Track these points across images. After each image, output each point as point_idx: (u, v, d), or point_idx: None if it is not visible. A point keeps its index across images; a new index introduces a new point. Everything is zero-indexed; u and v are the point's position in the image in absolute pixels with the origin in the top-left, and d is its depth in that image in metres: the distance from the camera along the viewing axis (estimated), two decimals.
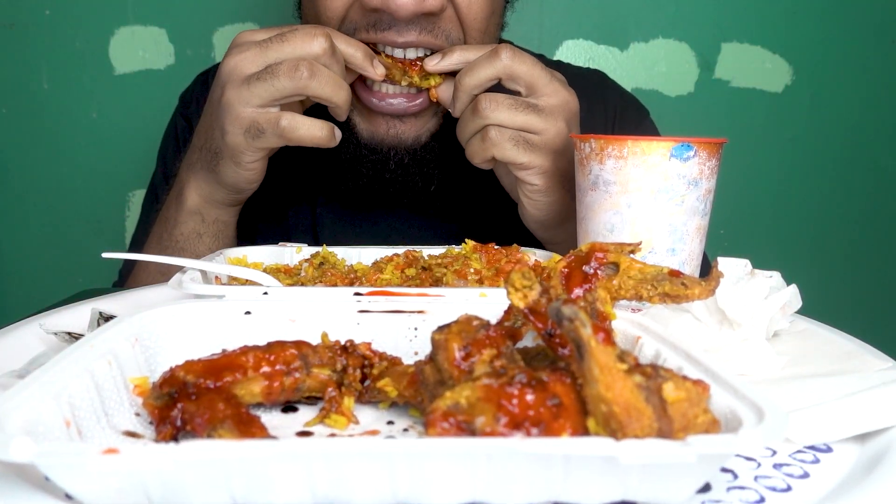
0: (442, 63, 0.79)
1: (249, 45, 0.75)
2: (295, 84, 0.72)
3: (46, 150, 1.56)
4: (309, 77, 0.72)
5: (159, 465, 0.30)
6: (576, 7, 1.56)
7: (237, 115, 0.75)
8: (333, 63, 0.75)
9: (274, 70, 0.72)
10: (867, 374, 0.49)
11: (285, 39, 0.73)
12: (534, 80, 0.76)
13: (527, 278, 0.39)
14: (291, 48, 0.73)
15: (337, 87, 0.75)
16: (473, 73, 0.77)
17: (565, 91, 0.78)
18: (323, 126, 0.76)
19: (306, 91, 0.73)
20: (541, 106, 0.76)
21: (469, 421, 0.33)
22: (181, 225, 0.87)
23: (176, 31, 1.53)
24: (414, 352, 0.52)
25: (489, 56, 0.76)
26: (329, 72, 0.74)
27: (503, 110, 0.75)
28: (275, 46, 0.74)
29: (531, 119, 0.75)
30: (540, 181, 0.78)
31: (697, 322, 0.54)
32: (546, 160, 0.77)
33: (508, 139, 0.76)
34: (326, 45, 0.73)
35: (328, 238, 1.02)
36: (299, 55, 0.73)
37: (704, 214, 0.65)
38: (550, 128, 0.76)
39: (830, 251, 1.68)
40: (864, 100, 1.62)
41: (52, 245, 1.60)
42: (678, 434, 0.33)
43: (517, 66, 0.75)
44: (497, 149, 0.76)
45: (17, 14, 1.50)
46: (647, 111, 1.12)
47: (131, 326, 0.48)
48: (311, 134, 0.75)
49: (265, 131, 0.75)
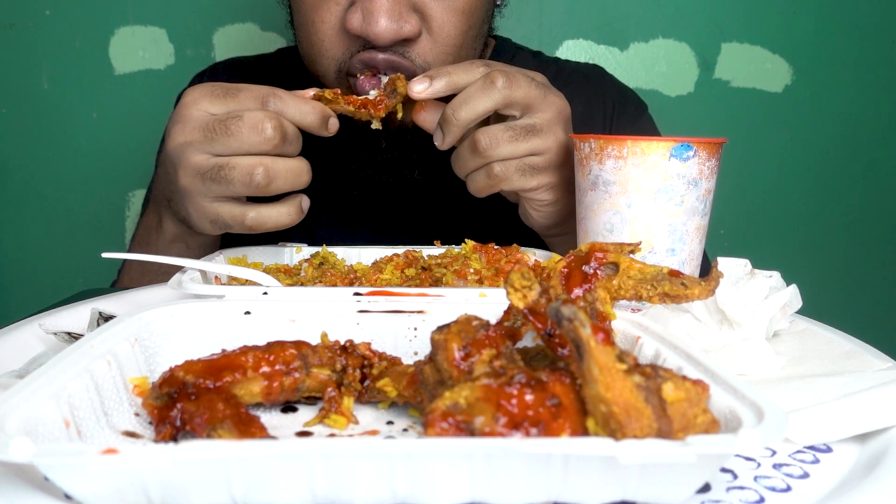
0: (430, 90, 0.74)
1: (195, 125, 0.69)
2: (251, 190, 0.69)
3: (46, 150, 1.56)
4: (266, 185, 0.69)
5: (159, 465, 0.30)
6: (576, 7, 1.56)
7: (199, 205, 0.72)
8: (287, 146, 0.70)
9: (227, 175, 0.68)
10: (867, 374, 0.49)
11: (230, 133, 0.68)
12: (529, 100, 0.73)
13: (526, 278, 0.39)
14: (238, 144, 0.68)
15: (296, 177, 0.71)
16: (469, 107, 0.72)
17: (557, 98, 0.76)
18: (290, 209, 0.73)
19: (265, 194, 0.70)
20: (538, 125, 0.74)
21: (468, 421, 0.33)
22: (164, 251, 0.86)
23: (176, 31, 1.53)
24: (414, 352, 0.52)
25: (484, 86, 0.72)
26: (286, 166, 0.70)
27: (504, 145, 0.73)
28: (220, 139, 0.68)
29: (533, 143, 0.73)
30: (549, 196, 0.78)
31: (697, 322, 0.54)
32: (553, 176, 0.76)
33: (514, 171, 0.74)
34: (275, 137, 0.68)
35: (324, 236, 1.02)
36: (246, 151, 0.68)
37: (704, 214, 0.65)
38: (552, 144, 0.75)
39: (830, 251, 1.68)
40: (864, 100, 1.62)
41: (52, 245, 1.60)
42: (678, 434, 0.33)
43: (514, 92, 0.72)
44: (505, 183, 0.75)
45: (17, 14, 1.50)
46: (645, 106, 1.12)
47: (131, 326, 0.48)
48: (278, 223, 0.73)
49: (232, 226, 0.72)
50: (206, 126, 0.69)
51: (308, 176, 0.72)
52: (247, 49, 1.51)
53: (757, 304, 0.54)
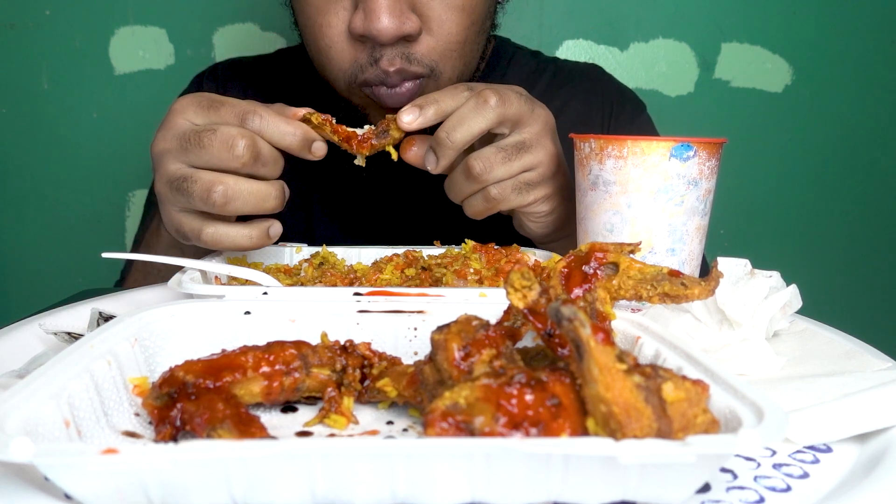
0: (420, 119, 0.72)
1: (175, 134, 0.69)
2: (208, 207, 0.67)
3: (46, 151, 1.56)
4: (222, 204, 0.66)
5: (159, 465, 0.30)
6: (576, 7, 1.56)
7: (167, 212, 0.71)
8: (259, 167, 0.68)
9: (189, 188, 0.67)
10: (867, 374, 0.49)
11: (202, 146, 0.66)
12: (520, 116, 0.73)
13: (526, 278, 0.39)
14: (208, 157, 0.66)
15: (259, 201, 0.68)
16: (465, 128, 0.71)
17: (542, 111, 0.76)
18: (253, 232, 0.69)
19: (222, 213, 0.67)
20: (528, 141, 0.73)
21: (468, 421, 0.33)
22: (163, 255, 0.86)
23: (176, 31, 1.53)
24: (414, 352, 0.52)
25: (478, 106, 0.71)
26: (250, 189, 0.67)
27: (498, 167, 0.72)
28: (193, 150, 0.67)
29: (525, 160, 0.73)
30: (546, 207, 0.78)
31: (697, 322, 0.54)
32: (548, 188, 0.76)
33: (511, 191, 0.74)
34: (244, 156, 0.66)
35: (324, 236, 1.02)
36: (215, 166, 0.67)
37: (704, 214, 0.65)
38: (543, 157, 0.74)
39: (830, 251, 1.68)
40: (864, 100, 1.62)
41: (52, 245, 1.60)
42: (678, 434, 0.33)
43: (507, 109, 0.72)
44: (503, 203, 0.75)
45: (17, 14, 1.50)
46: (643, 106, 1.12)
47: (131, 326, 0.48)
48: (235, 244, 0.69)
49: (190, 239, 0.71)
50: (183, 135, 0.68)
51: (276, 202, 0.69)
52: (247, 49, 1.51)
53: (757, 304, 0.54)
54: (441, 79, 0.84)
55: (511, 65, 1.09)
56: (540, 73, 1.10)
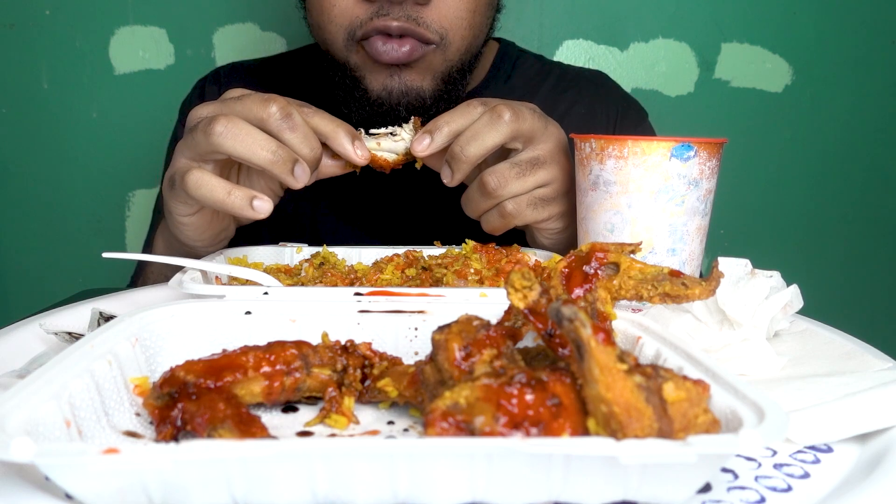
0: (432, 146, 0.73)
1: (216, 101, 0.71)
2: (207, 136, 0.65)
3: (46, 150, 1.56)
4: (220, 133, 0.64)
5: (159, 465, 0.30)
6: (576, 7, 1.56)
7: (173, 162, 0.71)
8: (287, 132, 0.67)
9: (204, 125, 0.66)
10: (867, 375, 0.49)
11: (238, 101, 0.68)
12: (534, 132, 0.73)
13: (527, 278, 0.39)
14: (240, 107, 0.67)
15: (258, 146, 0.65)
16: (479, 142, 0.71)
17: (555, 128, 0.76)
18: (232, 189, 0.66)
19: (220, 149, 0.65)
20: (542, 157, 0.74)
21: (468, 421, 0.33)
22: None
23: (176, 31, 1.53)
24: (414, 352, 0.52)
25: (492, 121, 0.71)
26: (250, 129, 0.65)
27: (513, 183, 0.72)
28: (229, 103, 0.68)
29: (539, 176, 0.74)
30: (559, 224, 0.78)
31: (698, 322, 0.54)
32: (562, 205, 0.76)
33: (526, 206, 0.74)
34: (277, 109, 0.66)
35: (329, 235, 1.02)
36: (244, 116, 0.66)
37: (705, 214, 0.65)
38: (557, 174, 0.75)
39: (830, 251, 1.68)
40: (864, 100, 1.62)
41: (52, 245, 1.60)
42: (678, 434, 0.33)
43: (521, 125, 0.72)
44: (518, 219, 0.75)
45: (17, 14, 1.50)
46: (645, 113, 1.13)
47: (131, 326, 0.48)
48: (213, 194, 0.66)
49: (175, 184, 0.69)
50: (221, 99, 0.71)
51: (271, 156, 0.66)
52: (247, 49, 1.51)
53: (757, 304, 0.54)
54: (449, 50, 0.85)
55: (516, 67, 1.09)
56: (545, 76, 1.10)
